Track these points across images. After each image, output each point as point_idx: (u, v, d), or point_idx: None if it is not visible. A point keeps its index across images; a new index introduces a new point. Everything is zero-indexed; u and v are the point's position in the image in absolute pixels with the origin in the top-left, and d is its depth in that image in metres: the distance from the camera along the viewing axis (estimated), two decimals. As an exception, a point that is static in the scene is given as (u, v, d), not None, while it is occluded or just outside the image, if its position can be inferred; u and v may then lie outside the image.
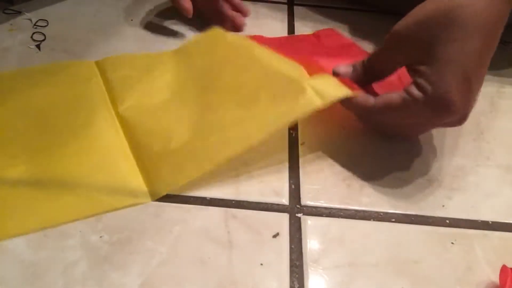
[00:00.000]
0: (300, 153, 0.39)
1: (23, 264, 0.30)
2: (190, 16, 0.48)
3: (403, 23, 0.35)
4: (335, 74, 0.38)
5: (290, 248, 0.33)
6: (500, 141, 0.43)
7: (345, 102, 0.37)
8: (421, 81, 0.33)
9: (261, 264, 0.32)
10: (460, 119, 0.35)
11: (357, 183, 0.37)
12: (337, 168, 0.38)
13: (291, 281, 0.31)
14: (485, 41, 0.33)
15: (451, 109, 0.33)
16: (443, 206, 0.37)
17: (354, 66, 0.38)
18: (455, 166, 0.40)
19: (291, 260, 0.32)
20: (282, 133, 0.41)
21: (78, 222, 0.33)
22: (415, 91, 0.33)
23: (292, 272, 0.31)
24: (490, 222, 0.36)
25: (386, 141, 0.41)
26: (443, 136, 0.42)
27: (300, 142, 0.40)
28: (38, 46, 0.46)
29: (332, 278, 0.31)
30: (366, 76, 0.38)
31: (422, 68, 0.33)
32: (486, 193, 0.38)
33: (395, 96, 0.34)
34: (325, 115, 0.40)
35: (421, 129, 0.40)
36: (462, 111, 0.34)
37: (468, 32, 0.32)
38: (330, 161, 0.39)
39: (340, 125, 0.42)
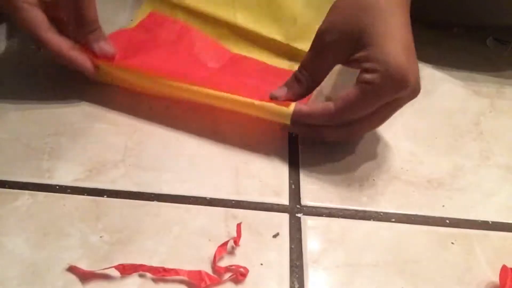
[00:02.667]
0: (300, 153, 0.39)
1: (23, 264, 0.30)
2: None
3: (327, 22, 0.36)
4: (274, 99, 0.37)
5: (290, 248, 0.33)
6: (500, 141, 0.43)
7: (303, 116, 0.36)
8: (368, 65, 0.34)
9: (261, 264, 0.32)
10: (415, 90, 0.35)
11: (357, 183, 0.37)
12: (337, 168, 0.38)
13: (291, 281, 0.31)
14: (406, 14, 0.35)
15: (405, 78, 0.33)
16: (443, 206, 0.37)
17: (288, 84, 0.38)
18: (455, 166, 0.40)
19: (291, 260, 0.32)
20: (282, 133, 0.40)
21: (78, 222, 0.33)
22: (367, 75, 0.33)
23: (292, 272, 0.31)
24: (490, 222, 0.36)
25: (386, 142, 0.41)
26: (443, 136, 0.42)
27: (300, 142, 0.40)
28: (38, 46, 0.46)
29: (332, 278, 0.31)
30: (306, 87, 0.38)
31: (363, 53, 0.34)
32: (486, 193, 0.38)
33: (350, 91, 0.34)
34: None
35: (382, 115, 0.37)
36: (414, 79, 0.34)
37: (390, 11, 0.34)
38: (330, 161, 0.39)
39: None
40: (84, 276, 0.29)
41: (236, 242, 0.31)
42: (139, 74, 0.40)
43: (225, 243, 0.31)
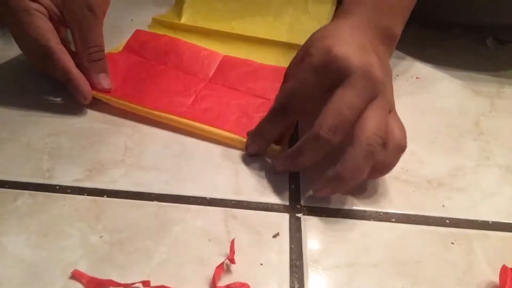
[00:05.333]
0: (300, 153, 0.39)
1: (23, 264, 0.30)
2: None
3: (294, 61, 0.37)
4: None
5: (290, 248, 0.33)
6: (500, 141, 0.43)
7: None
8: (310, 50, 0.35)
9: (261, 264, 0.32)
10: (362, 74, 0.32)
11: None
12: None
13: (291, 281, 0.31)
14: (357, 30, 0.36)
15: (344, 61, 0.32)
16: (443, 206, 0.37)
17: (253, 137, 0.38)
18: (455, 166, 0.40)
19: (291, 260, 0.32)
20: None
21: (78, 222, 0.33)
22: (307, 58, 0.34)
23: (292, 272, 0.31)
24: (490, 222, 0.36)
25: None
26: (443, 136, 0.42)
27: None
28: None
29: (332, 278, 0.31)
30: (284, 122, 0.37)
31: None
32: (486, 193, 0.38)
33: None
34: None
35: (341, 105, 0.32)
36: (358, 64, 0.32)
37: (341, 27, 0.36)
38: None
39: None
40: (87, 284, 0.29)
41: (231, 260, 0.31)
42: (127, 106, 0.41)
43: (222, 264, 0.30)
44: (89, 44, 0.39)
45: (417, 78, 0.48)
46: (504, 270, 0.31)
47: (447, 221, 0.36)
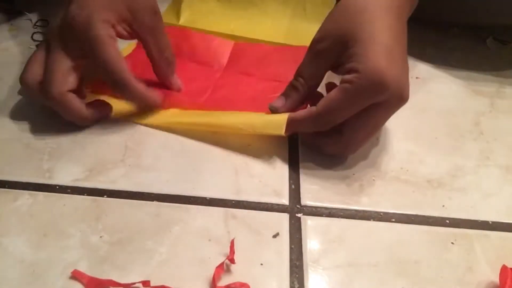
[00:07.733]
0: (300, 153, 0.39)
1: (23, 264, 0.30)
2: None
3: (321, 31, 0.37)
4: (274, 111, 0.38)
5: (290, 248, 0.33)
6: (500, 141, 0.43)
7: (291, 124, 0.36)
8: (349, 65, 0.34)
9: (261, 264, 0.32)
10: (398, 96, 0.34)
11: (357, 183, 0.37)
12: (337, 168, 0.38)
13: (291, 281, 0.31)
14: (394, 18, 0.35)
15: (382, 81, 0.33)
16: (443, 206, 0.37)
17: (285, 93, 0.38)
18: (455, 166, 0.40)
19: (291, 260, 0.32)
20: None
21: (78, 222, 0.33)
22: (347, 75, 0.34)
23: (292, 272, 0.31)
24: (490, 222, 0.36)
25: (386, 142, 0.41)
26: (443, 136, 0.42)
27: (300, 142, 0.40)
28: (38, 46, 0.46)
29: (332, 278, 0.31)
30: (303, 93, 0.38)
31: (347, 54, 0.34)
32: (486, 193, 0.38)
33: (332, 91, 0.34)
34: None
35: (368, 121, 0.36)
36: (395, 84, 0.33)
37: (378, 14, 0.35)
38: (330, 161, 0.39)
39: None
40: (88, 284, 0.30)
41: (231, 260, 0.31)
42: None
43: (222, 264, 0.31)
44: (164, 48, 0.40)
45: (417, 78, 0.48)
46: (504, 270, 0.31)
47: (447, 221, 0.36)
